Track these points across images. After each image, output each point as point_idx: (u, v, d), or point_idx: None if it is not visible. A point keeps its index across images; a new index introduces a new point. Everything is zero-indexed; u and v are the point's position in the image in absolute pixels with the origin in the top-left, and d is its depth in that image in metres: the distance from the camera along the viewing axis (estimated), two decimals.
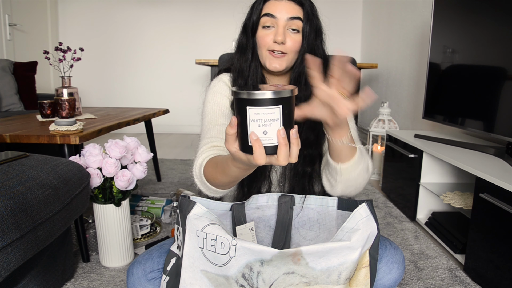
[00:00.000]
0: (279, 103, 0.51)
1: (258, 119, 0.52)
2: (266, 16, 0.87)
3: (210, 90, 0.98)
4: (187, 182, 2.36)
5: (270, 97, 0.50)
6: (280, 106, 0.51)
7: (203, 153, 0.82)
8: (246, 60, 0.93)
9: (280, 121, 0.52)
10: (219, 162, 0.72)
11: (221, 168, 0.70)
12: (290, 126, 0.54)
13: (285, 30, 0.87)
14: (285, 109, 0.52)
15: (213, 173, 0.74)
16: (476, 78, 1.57)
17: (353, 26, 4.15)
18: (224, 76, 0.99)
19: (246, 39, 0.93)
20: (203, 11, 4.08)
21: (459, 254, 1.42)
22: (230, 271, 0.69)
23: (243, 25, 0.95)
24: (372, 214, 0.74)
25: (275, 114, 0.51)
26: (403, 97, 2.98)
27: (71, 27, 4.09)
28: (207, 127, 0.91)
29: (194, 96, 4.12)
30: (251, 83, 0.93)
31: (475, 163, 1.35)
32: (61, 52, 1.79)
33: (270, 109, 0.51)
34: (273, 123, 0.52)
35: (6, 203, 0.77)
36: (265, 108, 0.51)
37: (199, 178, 0.78)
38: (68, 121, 1.34)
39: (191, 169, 0.84)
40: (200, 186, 0.79)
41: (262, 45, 0.89)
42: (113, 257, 1.30)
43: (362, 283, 0.72)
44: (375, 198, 2.11)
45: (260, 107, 0.51)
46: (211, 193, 0.79)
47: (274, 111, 0.51)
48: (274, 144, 0.53)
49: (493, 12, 1.46)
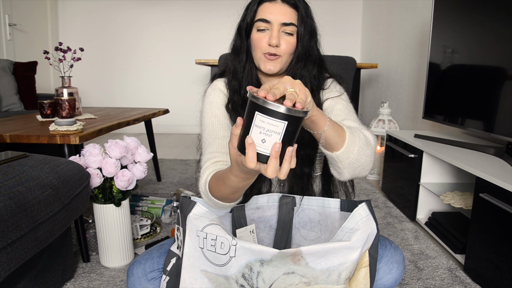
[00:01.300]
0: (286, 119, 0.53)
1: (262, 126, 0.54)
2: (261, 21, 0.87)
3: (206, 99, 0.97)
4: (187, 182, 2.36)
5: (279, 111, 0.52)
6: (285, 122, 0.53)
7: (207, 169, 0.81)
8: (241, 62, 0.93)
9: (281, 135, 0.54)
10: (220, 175, 0.73)
11: (222, 180, 0.71)
12: (289, 144, 0.56)
13: (280, 33, 0.86)
14: (289, 126, 0.53)
15: (216, 186, 0.74)
16: (476, 78, 1.57)
17: (353, 26, 4.15)
18: (219, 82, 0.98)
19: (241, 40, 0.93)
20: (203, 11, 4.08)
21: (459, 254, 1.42)
22: (230, 271, 0.69)
23: (237, 27, 0.94)
24: (371, 214, 0.74)
25: (278, 127, 0.53)
26: (403, 97, 2.98)
27: (71, 27, 4.09)
28: (208, 140, 0.90)
29: (194, 96, 4.12)
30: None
31: (475, 163, 1.35)
32: (61, 52, 1.79)
33: (275, 121, 0.53)
34: (273, 135, 0.54)
35: (6, 203, 0.77)
36: (271, 119, 0.53)
37: (205, 194, 0.78)
38: (68, 121, 1.34)
39: (198, 187, 0.83)
40: (208, 202, 0.78)
41: (256, 48, 0.89)
42: (113, 257, 1.30)
43: (362, 283, 0.72)
44: (375, 198, 2.11)
45: (267, 116, 0.53)
46: (218, 207, 0.79)
47: (278, 124, 0.53)
48: (267, 154, 0.55)
49: (493, 12, 1.46)
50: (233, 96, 0.94)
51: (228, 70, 0.96)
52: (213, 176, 0.77)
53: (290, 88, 0.58)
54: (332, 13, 4.09)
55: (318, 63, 0.94)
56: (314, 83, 0.93)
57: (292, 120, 0.53)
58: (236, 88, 0.94)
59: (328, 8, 4.06)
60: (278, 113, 0.52)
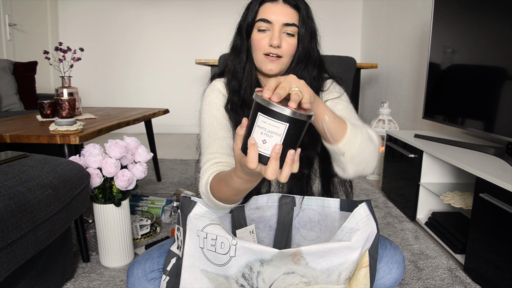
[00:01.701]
0: (287, 121, 0.52)
1: (263, 127, 0.53)
2: (262, 22, 0.87)
3: (205, 100, 0.97)
4: (187, 182, 2.36)
5: (281, 113, 0.51)
6: (286, 124, 0.52)
7: (207, 170, 0.81)
8: (241, 62, 0.93)
9: (282, 137, 0.53)
10: (223, 176, 0.72)
11: (225, 181, 0.70)
12: (291, 147, 0.55)
13: (281, 34, 0.86)
14: (291, 129, 0.52)
15: (218, 187, 0.73)
16: (476, 78, 1.57)
17: (353, 26, 4.15)
18: (217, 82, 0.98)
19: (241, 40, 0.92)
20: (203, 11, 4.08)
21: (459, 254, 1.42)
22: (230, 271, 0.69)
23: (238, 27, 0.94)
24: (371, 214, 0.74)
25: (279, 129, 0.53)
26: (403, 97, 2.98)
27: (71, 27, 4.09)
28: (207, 141, 0.90)
29: (194, 96, 4.12)
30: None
31: (475, 163, 1.35)
32: (61, 52, 1.79)
33: (276, 123, 0.52)
34: (274, 136, 0.53)
35: (6, 203, 0.77)
36: (272, 120, 0.52)
37: (206, 195, 0.78)
38: (68, 121, 1.34)
39: (198, 188, 0.83)
40: (208, 203, 0.78)
41: (257, 48, 0.88)
42: (113, 257, 1.30)
43: (362, 283, 0.72)
44: (375, 198, 2.11)
45: (268, 117, 0.52)
46: (219, 208, 0.78)
47: (279, 126, 0.52)
48: (268, 155, 0.54)
49: (493, 12, 1.46)
50: (232, 97, 0.93)
51: (227, 70, 0.96)
52: (215, 177, 0.77)
53: (295, 87, 0.58)
54: (332, 13, 4.09)
55: (318, 64, 0.94)
56: (314, 85, 0.93)
57: (294, 123, 0.52)
58: (235, 88, 0.93)
59: (328, 8, 4.06)
60: (280, 114, 0.52)
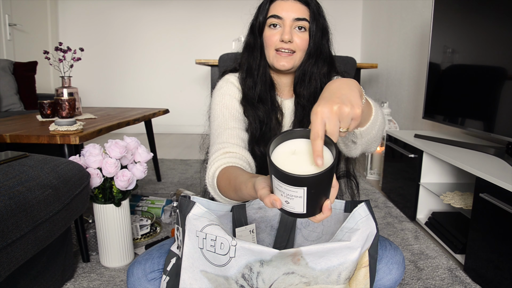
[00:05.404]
0: (303, 185, 0.44)
1: (281, 190, 0.47)
2: (273, 18, 0.88)
3: (217, 91, 0.96)
4: (187, 182, 2.36)
5: (295, 178, 0.43)
6: (304, 188, 0.44)
7: (216, 161, 0.80)
8: (255, 59, 0.94)
9: (304, 199, 0.46)
10: (232, 179, 0.70)
11: (233, 186, 0.69)
12: (322, 198, 0.48)
13: (292, 29, 0.87)
14: (311, 189, 0.45)
15: (225, 188, 0.73)
16: (476, 78, 1.57)
17: (353, 26, 4.15)
18: (230, 76, 0.98)
19: (254, 39, 0.94)
20: (203, 11, 4.08)
21: (459, 254, 1.42)
22: (230, 271, 0.69)
23: (250, 26, 0.95)
24: (371, 213, 0.74)
25: (298, 193, 0.45)
26: (403, 97, 2.98)
27: (71, 27, 4.09)
28: (217, 131, 0.89)
29: (194, 96, 4.12)
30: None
31: (475, 163, 1.35)
32: (61, 52, 1.79)
33: (293, 188, 0.45)
34: (296, 199, 0.46)
35: (6, 203, 0.77)
36: (287, 186, 0.45)
37: (212, 187, 0.77)
38: (68, 121, 1.34)
39: (204, 177, 0.81)
40: (213, 195, 0.78)
41: (269, 44, 0.89)
42: (113, 257, 1.30)
43: (361, 283, 0.72)
44: (375, 198, 2.11)
45: (282, 182, 0.45)
46: (223, 201, 0.78)
47: (297, 191, 0.45)
48: (293, 212, 0.48)
49: (493, 12, 1.46)
50: (248, 92, 0.94)
51: (242, 67, 0.96)
52: (224, 174, 0.76)
53: (342, 128, 0.52)
54: (332, 13, 4.07)
55: (329, 61, 0.94)
56: (323, 81, 0.93)
57: (315, 182, 0.44)
58: (251, 85, 0.94)
59: (328, 8, 4.00)
60: (292, 178, 0.43)
